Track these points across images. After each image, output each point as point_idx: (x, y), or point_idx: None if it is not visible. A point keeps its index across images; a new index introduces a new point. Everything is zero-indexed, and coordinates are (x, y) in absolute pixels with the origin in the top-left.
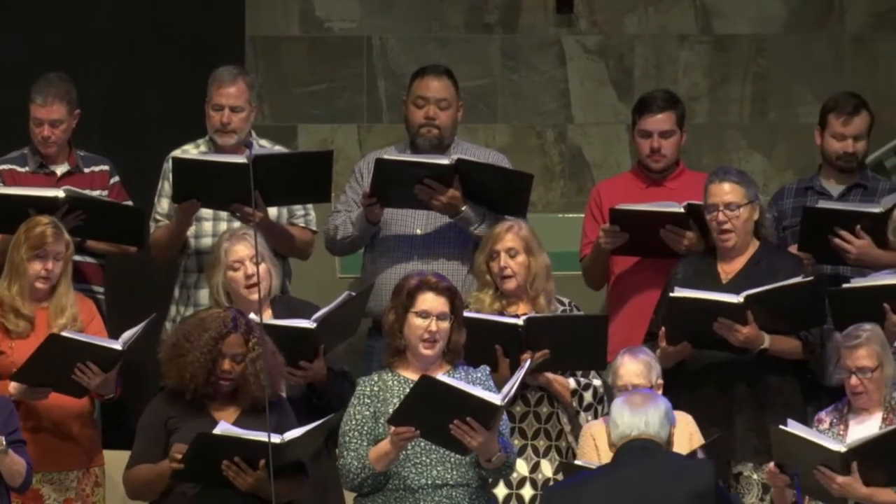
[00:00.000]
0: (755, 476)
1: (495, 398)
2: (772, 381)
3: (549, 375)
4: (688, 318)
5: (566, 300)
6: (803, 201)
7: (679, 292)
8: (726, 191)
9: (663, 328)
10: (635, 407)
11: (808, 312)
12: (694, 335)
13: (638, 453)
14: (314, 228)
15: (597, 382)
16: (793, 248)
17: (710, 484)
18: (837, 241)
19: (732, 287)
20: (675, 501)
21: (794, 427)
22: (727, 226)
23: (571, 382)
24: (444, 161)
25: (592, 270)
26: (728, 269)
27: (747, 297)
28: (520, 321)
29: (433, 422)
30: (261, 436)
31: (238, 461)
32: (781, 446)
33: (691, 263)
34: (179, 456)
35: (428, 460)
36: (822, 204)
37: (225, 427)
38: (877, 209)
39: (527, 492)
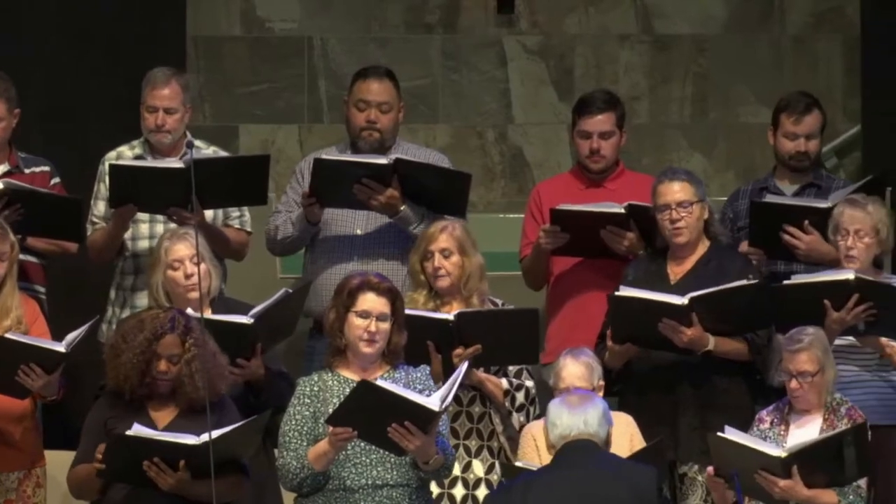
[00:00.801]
0: (700, 477)
1: (433, 404)
2: (718, 382)
3: (482, 375)
4: (632, 318)
5: (499, 301)
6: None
7: (623, 291)
8: (677, 189)
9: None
10: (574, 407)
11: (755, 315)
12: (639, 335)
13: (579, 454)
14: (249, 230)
15: (529, 383)
16: (744, 245)
17: (652, 489)
18: (786, 236)
19: (681, 288)
20: (618, 501)
21: (731, 433)
22: (681, 223)
23: (504, 383)
24: (383, 161)
25: (532, 271)
26: (678, 270)
27: (692, 299)
28: (450, 316)
29: (371, 424)
30: (178, 437)
31: (157, 462)
32: (720, 453)
33: (641, 265)
34: (101, 456)
35: (367, 461)
36: (770, 199)
37: (139, 428)
38: (825, 204)
39: (458, 491)
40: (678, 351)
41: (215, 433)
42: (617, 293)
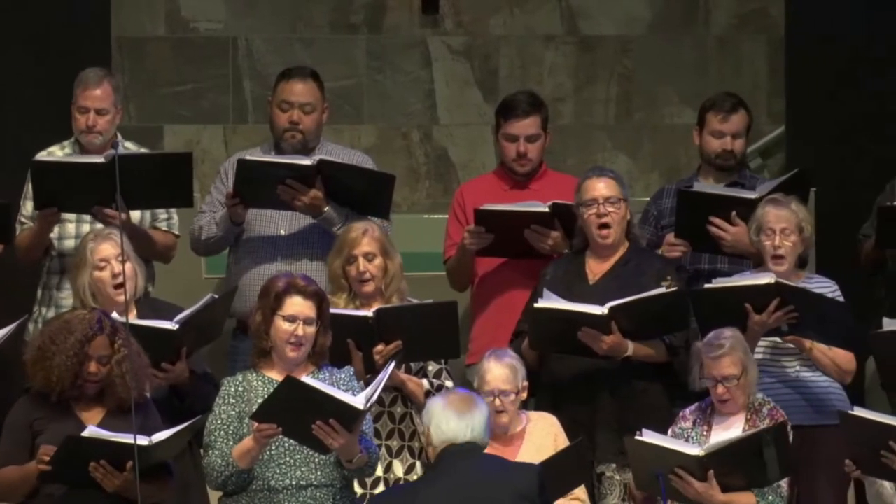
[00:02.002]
0: (617, 476)
1: (358, 402)
2: (636, 384)
3: (403, 376)
4: (552, 327)
5: (417, 301)
6: None
7: (542, 303)
8: (604, 186)
9: (527, 339)
10: (461, 413)
11: (672, 318)
12: (558, 342)
13: (462, 457)
14: (177, 232)
15: (449, 384)
16: (670, 237)
17: (533, 488)
18: (713, 228)
19: (600, 287)
20: (500, 500)
21: (648, 436)
22: (607, 219)
23: (425, 383)
24: (306, 162)
25: (457, 272)
26: (596, 270)
27: (612, 309)
28: (370, 313)
29: (296, 421)
30: (128, 438)
31: (104, 463)
32: (637, 456)
33: (561, 264)
34: (47, 458)
35: (292, 461)
36: (698, 188)
37: (93, 430)
38: (752, 195)
39: (379, 491)
40: (597, 356)
41: (160, 435)
42: (536, 304)
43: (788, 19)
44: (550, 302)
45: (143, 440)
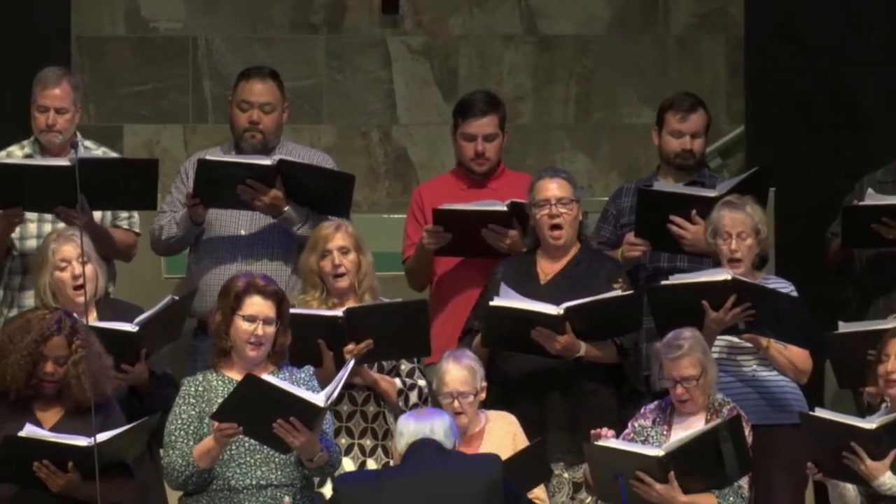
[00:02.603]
0: (566, 475)
1: (319, 399)
2: (586, 385)
3: (376, 375)
4: (505, 325)
5: (387, 301)
6: None
7: (498, 301)
8: (557, 186)
9: (479, 336)
10: (421, 416)
11: (624, 321)
12: (511, 340)
13: (427, 451)
14: (137, 231)
15: (422, 383)
16: (630, 236)
17: (498, 476)
18: (673, 227)
19: (551, 288)
20: (468, 494)
21: (605, 440)
22: (559, 220)
23: (398, 382)
24: (266, 162)
25: (416, 271)
26: (548, 270)
27: (567, 309)
28: (339, 313)
29: (256, 420)
30: (68, 438)
31: (47, 463)
32: (596, 461)
33: (512, 263)
34: None
35: (252, 461)
36: (658, 187)
37: (31, 429)
38: (712, 193)
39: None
40: (549, 355)
41: (104, 435)
42: (492, 302)
43: (748, 19)
44: (506, 300)
45: (84, 440)
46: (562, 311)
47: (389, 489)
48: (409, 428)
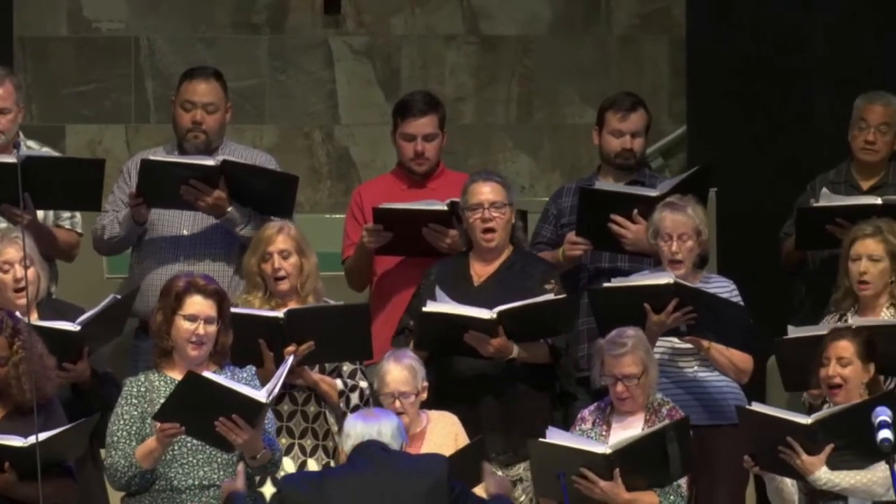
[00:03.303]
0: (500, 473)
1: (260, 395)
2: (518, 387)
3: (317, 376)
4: (439, 329)
5: (332, 302)
6: None
7: (431, 307)
8: (490, 190)
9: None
10: (368, 417)
11: (557, 322)
12: (444, 343)
13: (372, 451)
14: (80, 230)
15: (363, 384)
16: (571, 235)
17: (443, 476)
18: (614, 226)
19: (485, 290)
20: (413, 494)
21: (553, 436)
22: (492, 224)
23: (339, 384)
24: (210, 162)
25: (356, 271)
26: (481, 272)
27: (500, 314)
28: (280, 314)
29: (198, 419)
30: (3, 438)
31: None
32: (540, 458)
33: (445, 265)
34: None
35: (195, 461)
36: (599, 186)
37: None
38: (653, 193)
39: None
40: (481, 358)
41: (43, 435)
42: (425, 308)
43: (690, 20)
44: (439, 306)
45: (18, 440)
46: (494, 316)
47: (334, 489)
48: (357, 429)
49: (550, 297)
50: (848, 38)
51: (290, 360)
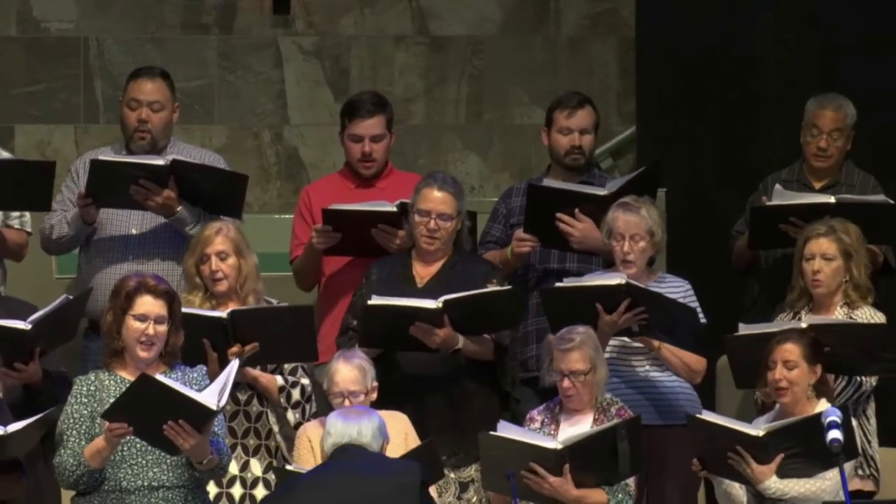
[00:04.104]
0: (452, 475)
1: (211, 402)
2: (467, 385)
3: (255, 372)
4: (384, 323)
5: (274, 301)
6: None
7: (377, 300)
8: (441, 199)
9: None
10: (349, 416)
11: (502, 315)
12: (389, 338)
13: (346, 457)
14: (29, 230)
15: (305, 381)
16: (519, 232)
17: (415, 484)
18: (561, 224)
19: (428, 290)
20: (383, 495)
21: (503, 429)
22: (437, 234)
23: (279, 380)
24: (159, 162)
25: (304, 271)
26: (423, 273)
27: (446, 303)
28: (224, 314)
29: (147, 420)
30: None
31: None
32: (491, 453)
33: (385, 264)
34: None
35: (144, 462)
36: (547, 182)
37: None
38: (602, 192)
39: (236, 490)
40: (426, 350)
41: (11, 428)
42: (370, 302)
43: (639, 20)
44: (385, 298)
45: None
46: (440, 305)
47: (301, 492)
48: (337, 428)
49: (496, 287)
50: (796, 38)
51: (236, 363)
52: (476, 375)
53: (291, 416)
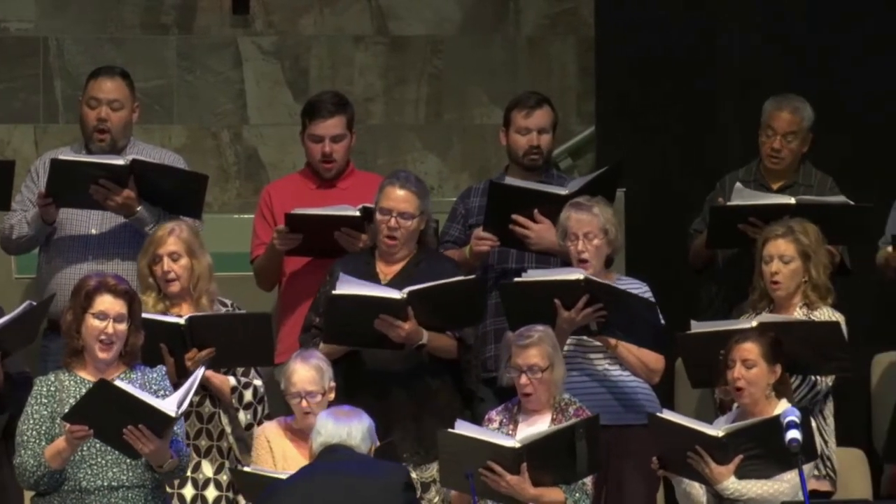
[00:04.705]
0: (414, 475)
1: (170, 409)
2: (430, 382)
3: (207, 372)
4: (348, 317)
5: (229, 301)
6: None
7: (341, 289)
8: (403, 198)
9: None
10: (340, 417)
11: (466, 311)
12: (352, 334)
13: (333, 458)
14: None
15: (257, 382)
16: (478, 231)
17: (402, 484)
18: (517, 228)
19: (392, 287)
20: (370, 496)
21: (461, 427)
22: (397, 233)
23: (231, 380)
24: (119, 161)
25: (265, 271)
26: (387, 271)
27: (409, 293)
28: (182, 320)
29: (107, 424)
30: None
31: None
32: (449, 451)
33: (348, 263)
34: None
35: (103, 462)
36: (509, 181)
37: None
38: (563, 191)
39: (188, 491)
40: (390, 347)
41: None
42: (335, 292)
43: (598, 20)
44: (349, 288)
45: None
46: (405, 295)
47: (290, 493)
48: (328, 428)
49: (460, 277)
50: (753, 38)
51: (201, 371)
52: (439, 373)
53: (243, 416)
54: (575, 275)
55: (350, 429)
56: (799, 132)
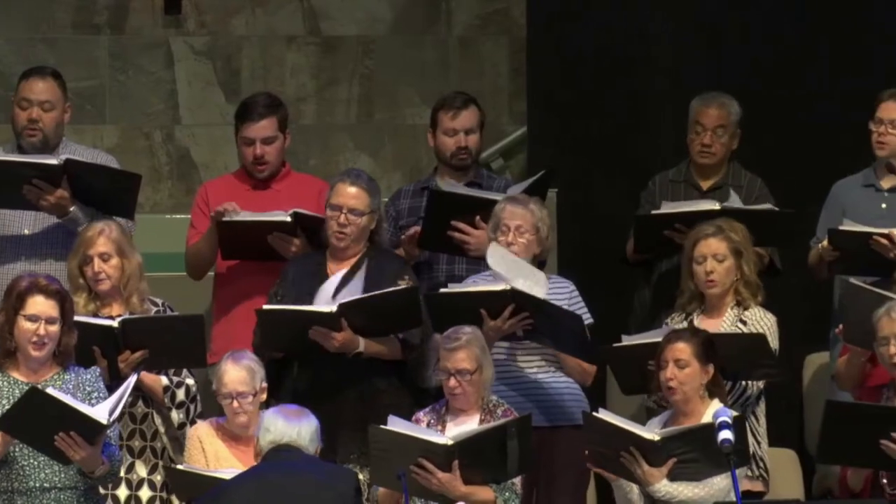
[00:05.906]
0: (361, 476)
1: (102, 416)
2: (378, 382)
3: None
4: (282, 328)
5: (160, 300)
6: (420, 202)
7: (268, 306)
8: (353, 195)
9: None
10: (290, 417)
11: (403, 317)
12: (289, 344)
13: (283, 458)
14: None
15: (190, 381)
16: (410, 231)
17: (351, 491)
18: (456, 234)
19: (342, 285)
20: (319, 501)
21: (393, 424)
22: (347, 230)
23: (163, 380)
24: (53, 161)
25: (199, 257)
26: (337, 269)
27: (341, 306)
28: (114, 323)
29: (38, 430)
30: None
31: None
32: (380, 447)
33: (300, 262)
34: None
35: (35, 463)
36: (447, 188)
37: None
38: (500, 197)
39: (122, 492)
40: (327, 353)
41: None
42: (264, 307)
43: (529, 20)
44: (278, 304)
45: None
46: (335, 309)
47: (237, 494)
48: (277, 426)
49: (392, 288)
50: (687, 39)
51: (134, 377)
52: (387, 373)
53: (176, 415)
54: (501, 285)
55: (300, 429)
56: (728, 126)
